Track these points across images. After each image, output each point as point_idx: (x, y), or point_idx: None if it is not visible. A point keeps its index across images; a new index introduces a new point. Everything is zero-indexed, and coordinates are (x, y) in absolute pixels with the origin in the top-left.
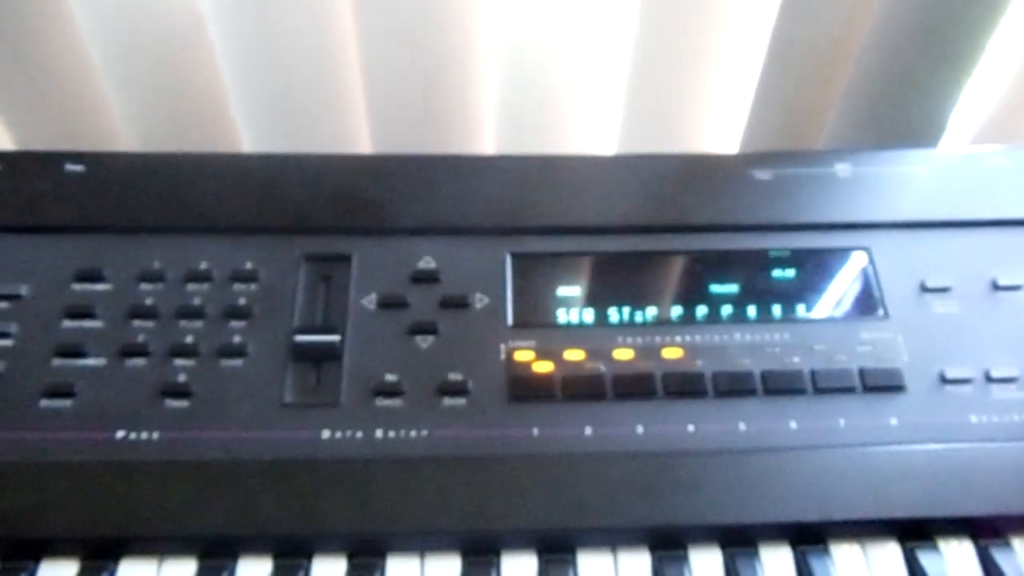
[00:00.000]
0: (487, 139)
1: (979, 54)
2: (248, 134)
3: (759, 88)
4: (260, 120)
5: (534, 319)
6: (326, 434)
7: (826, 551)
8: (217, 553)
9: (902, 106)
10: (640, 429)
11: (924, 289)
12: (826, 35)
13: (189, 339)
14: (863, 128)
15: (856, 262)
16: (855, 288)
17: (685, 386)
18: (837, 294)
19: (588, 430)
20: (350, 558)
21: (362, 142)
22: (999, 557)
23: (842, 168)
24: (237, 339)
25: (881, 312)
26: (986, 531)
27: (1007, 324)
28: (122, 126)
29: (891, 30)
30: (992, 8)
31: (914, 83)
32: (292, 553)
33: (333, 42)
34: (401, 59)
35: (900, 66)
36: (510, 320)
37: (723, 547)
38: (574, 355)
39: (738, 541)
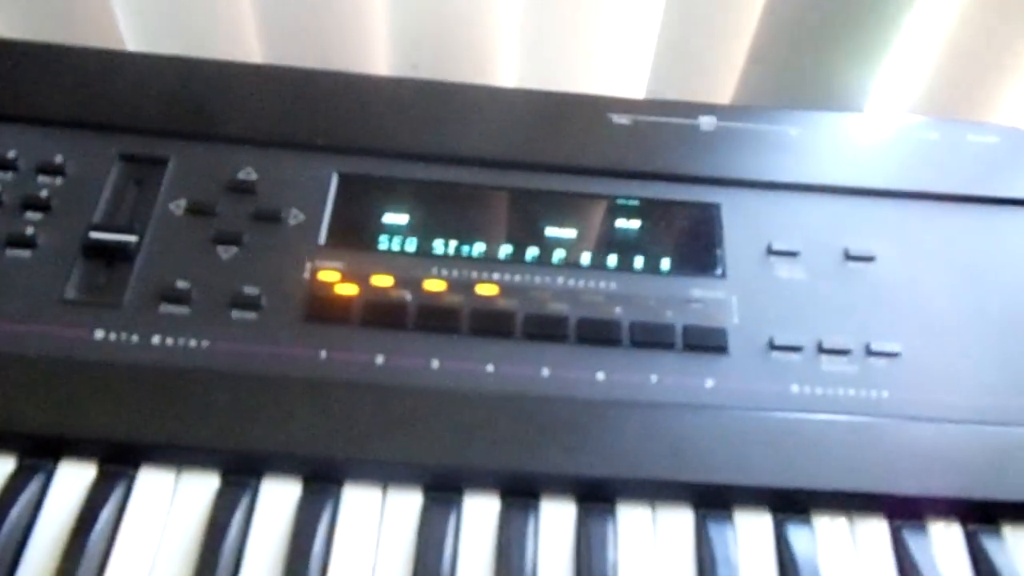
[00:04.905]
0: (380, 65)
1: (902, 15)
2: (133, 37)
3: (660, 37)
4: (147, 25)
5: (350, 242)
6: (100, 334)
7: (612, 511)
8: None
9: (815, 67)
10: (435, 364)
11: (770, 252)
12: None
13: None
14: (777, 87)
15: (702, 217)
16: (696, 244)
17: (491, 324)
18: (676, 249)
19: (380, 359)
20: (101, 463)
21: (253, 55)
22: (793, 532)
23: (707, 121)
24: (29, 231)
25: (719, 271)
26: (786, 504)
27: (853, 294)
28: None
29: None
30: None
31: (825, 43)
32: (40, 452)
33: None
34: None
35: (808, 23)
36: (323, 239)
37: (502, 495)
38: (382, 281)
39: (517, 490)
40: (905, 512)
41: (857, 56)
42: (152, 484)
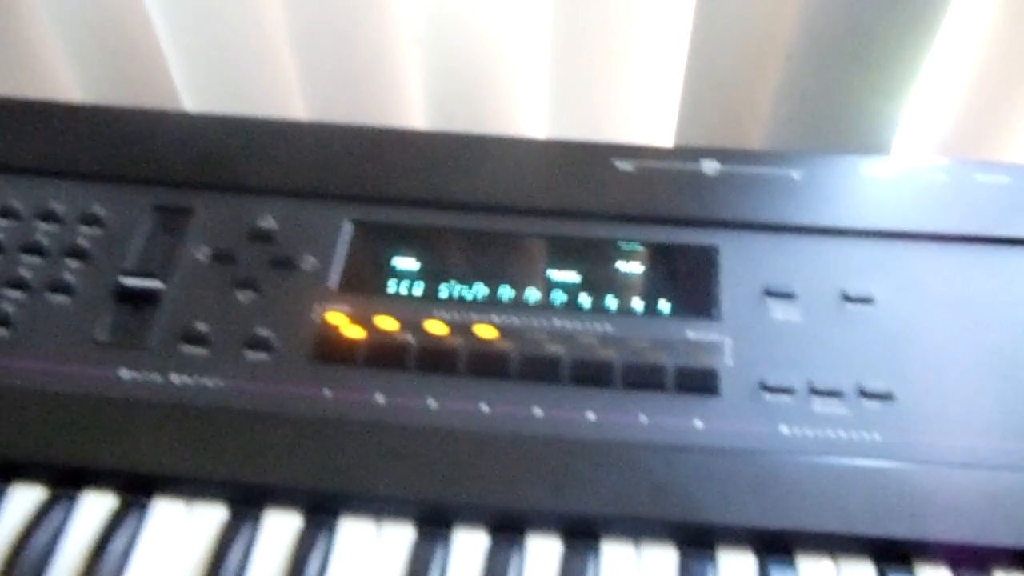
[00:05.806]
0: (417, 119)
1: (923, 56)
2: (188, 98)
3: (685, 85)
4: (200, 86)
5: (360, 286)
6: (124, 374)
7: (596, 549)
8: None
9: (840, 110)
10: (433, 403)
11: (767, 293)
12: (748, 31)
13: (25, 273)
14: (804, 132)
15: (700, 260)
16: (693, 287)
17: (487, 365)
18: (674, 291)
19: (380, 398)
20: (119, 493)
21: (297, 111)
22: (776, 574)
23: (709, 165)
24: (68, 277)
25: (715, 313)
26: (771, 545)
27: (849, 336)
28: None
29: (819, 30)
30: (933, 10)
31: (849, 86)
32: (64, 482)
33: (266, 15)
34: (331, 30)
35: (832, 67)
36: (334, 284)
37: (491, 531)
38: (387, 323)
39: (506, 527)
40: (892, 555)
41: (882, 98)
42: (165, 514)
